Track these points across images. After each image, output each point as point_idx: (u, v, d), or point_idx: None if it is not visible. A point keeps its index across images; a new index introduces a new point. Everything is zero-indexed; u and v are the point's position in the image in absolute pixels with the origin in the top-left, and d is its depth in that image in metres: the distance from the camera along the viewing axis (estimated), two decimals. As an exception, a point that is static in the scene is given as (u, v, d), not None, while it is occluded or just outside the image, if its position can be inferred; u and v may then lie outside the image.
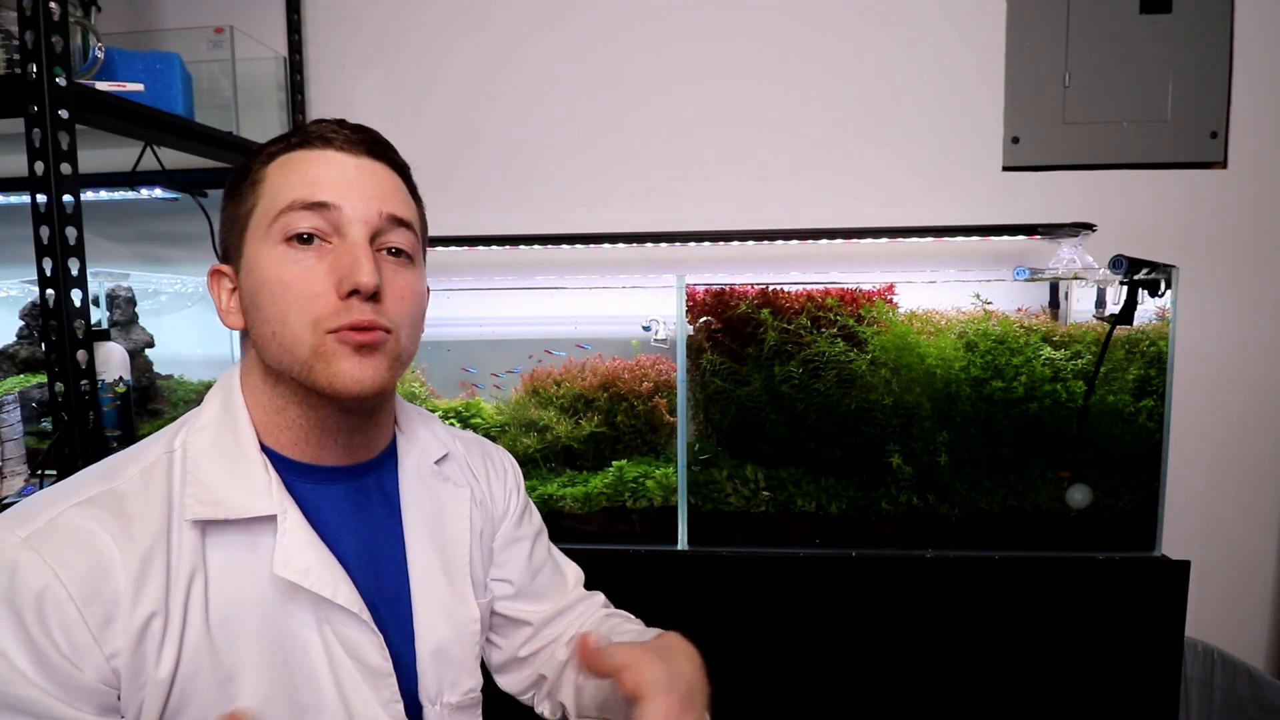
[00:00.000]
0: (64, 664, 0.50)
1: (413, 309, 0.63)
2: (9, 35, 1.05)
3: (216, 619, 0.56)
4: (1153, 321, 1.36)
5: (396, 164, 0.65)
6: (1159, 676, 1.27)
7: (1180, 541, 1.55)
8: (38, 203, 0.97)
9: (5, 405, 1.15)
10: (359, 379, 0.58)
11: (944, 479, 1.37)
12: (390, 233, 0.62)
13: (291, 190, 0.59)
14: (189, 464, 0.59)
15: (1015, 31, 1.56)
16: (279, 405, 0.62)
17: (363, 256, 0.58)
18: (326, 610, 0.60)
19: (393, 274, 0.61)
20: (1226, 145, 1.54)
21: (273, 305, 0.58)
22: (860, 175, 1.62)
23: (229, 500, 0.58)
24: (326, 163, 0.60)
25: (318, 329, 0.57)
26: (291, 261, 0.58)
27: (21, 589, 0.49)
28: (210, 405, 0.63)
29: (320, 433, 0.63)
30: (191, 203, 1.55)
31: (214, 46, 1.48)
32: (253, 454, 0.61)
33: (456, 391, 1.60)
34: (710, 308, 1.47)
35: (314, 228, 0.58)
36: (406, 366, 0.65)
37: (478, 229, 1.64)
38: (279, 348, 0.59)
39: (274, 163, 0.61)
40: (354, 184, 0.60)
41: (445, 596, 0.69)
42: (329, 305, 0.58)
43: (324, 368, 0.58)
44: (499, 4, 1.66)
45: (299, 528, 0.60)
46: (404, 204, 0.64)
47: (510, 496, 0.82)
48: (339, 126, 0.62)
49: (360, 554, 0.65)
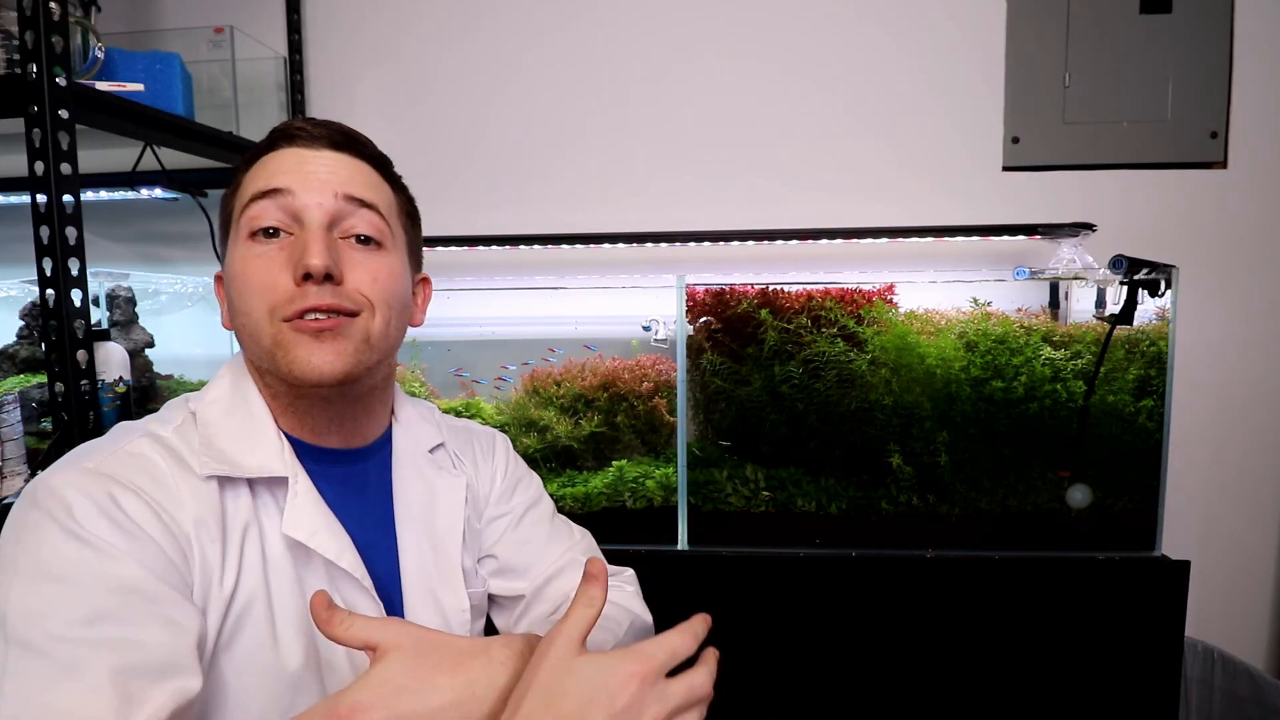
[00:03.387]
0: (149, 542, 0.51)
1: (386, 289, 0.62)
2: (9, 35, 1.05)
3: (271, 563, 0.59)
4: (1153, 321, 1.36)
5: (366, 155, 0.65)
6: (1159, 676, 1.27)
7: (1180, 541, 1.55)
8: (38, 203, 0.97)
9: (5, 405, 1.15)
10: (317, 365, 0.58)
11: (944, 479, 1.37)
12: (352, 217, 0.61)
13: (252, 186, 0.60)
14: (202, 429, 0.60)
15: (1015, 31, 1.56)
16: (275, 390, 0.64)
17: (313, 240, 0.58)
18: (335, 576, 0.61)
19: (361, 258, 0.61)
20: (1226, 145, 1.54)
21: (239, 298, 0.60)
22: (860, 175, 1.62)
23: (244, 462, 0.59)
24: (287, 156, 0.61)
25: (274, 317, 0.58)
26: (255, 255, 0.59)
27: (94, 493, 0.51)
28: (219, 384, 0.65)
29: (313, 418, 0.64)
30: (191, 203, 1.55)
31: (214, 46, 1.48)
32: (266, 421, 0.62)
33: (456, 391, 1.60)
34: (710, 308, 1.47)
35: (275, 220, 0.59)
36: (384, 355, 0.64)
37: (478, 229, 1.64)
38: (248, 339, 0.60)
39: (250, 167, 0.63)
40: (311, 171, 0.60)
41: (435, 585, 0.69)
42: (285, 293, 0.58)
43: (283, 355, 0.58)
44: (499, 4, 1.66)
45: (308, 491, 0.61)
46: (366, 187, 0.63)
47: (495, 471, 0.81)
48: (306, 123, 0.63)
49: (355, 536, 0.65)
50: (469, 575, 0.74)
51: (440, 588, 0.70)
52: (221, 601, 0.55)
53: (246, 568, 0.57)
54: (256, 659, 0.57)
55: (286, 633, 0.58)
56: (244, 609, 0.57)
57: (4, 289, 1.57)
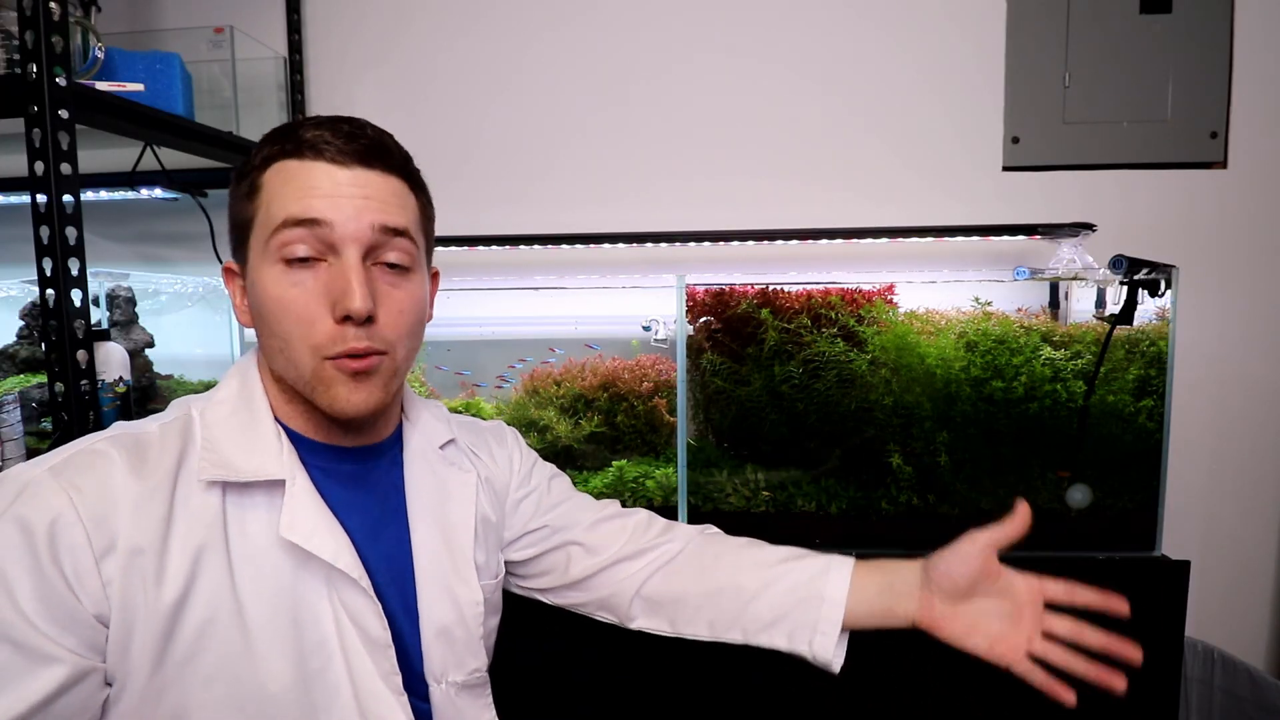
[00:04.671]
0: (65, 593, 0.52)
1: (410, 322, 0.64)
2: (9, 35, 1.05)
3: (240, 576, 0.59)
4: (1153, 321, 1.36)
5: (393, 164, 0.63)
6: (1159, 676, 1.27)
7: (1180, 541, 1.55)
8: (38, 203, 0.97)
9: (5, 405, 1.15)
10: (355, 403, 0.61)
11: (944, 479, 1.37)
12: (385, 246, 0.62)
13: (284, 207, 0.59)
14: (206, 430, 0.61)
15: (1015, 31, 1.56)
16: (290, 395, 0.65)
17: (354, 281, 0.59)
18: (335, 579, 0.62)
19: (389, 288, 0.62)
20: (1226, 145, 1.54)
21: (277, 324, 0.60)
22: (860, 175, 1.62)
23: (242, 464, 0.60)
24: (318, 175, 0.60)
25: (316, 355, 0.60)
26: (290, 284, 0.59)
27: (38, 514, 0.52)
28: (228, 384, 0.66)
29: (327, 421, 0.66)
30: (191, 203, 1.55)
31: (214, 46, 1.48)
32: (267, 424, 0.63)
33: (456, 391, 1.60)
34: (710, 308, 1.47)
35: (312, 250, 0.59)
36: (404, 376, 0.67)
37: (478, 229, 1.64)
38: (285, 362, 0.61)
39: (270, 169, 0.61)
40: (345, 198, 0.60)
41: (449, 578, 0.70)
42: (326, 332, 0.59)
43: (324, 391, 0.60)
44: (499, 4, 1.66)
45: (305, 493, 0.62)
46: (399, 211, 0.63)
47: (513, 456, 0.84)
48: (332, 133, 0.61)
49: (365, 534, 0.66)
50: (482, 569, 0.75)
51: (454, 581, 0.71)
52: (159, 614, 0.55)
53: (202, 579, 0.57)
54: (227, 670, 0.57)
55: (267, 644, 0.58)
56: (205, 621, 0.57)
57: (4, 289, 1.57)
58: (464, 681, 0.70)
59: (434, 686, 0.69)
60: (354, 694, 0.62)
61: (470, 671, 0.71)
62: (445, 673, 0.69)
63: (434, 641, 0.68)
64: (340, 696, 0.61)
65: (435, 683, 0.69)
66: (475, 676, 0.72)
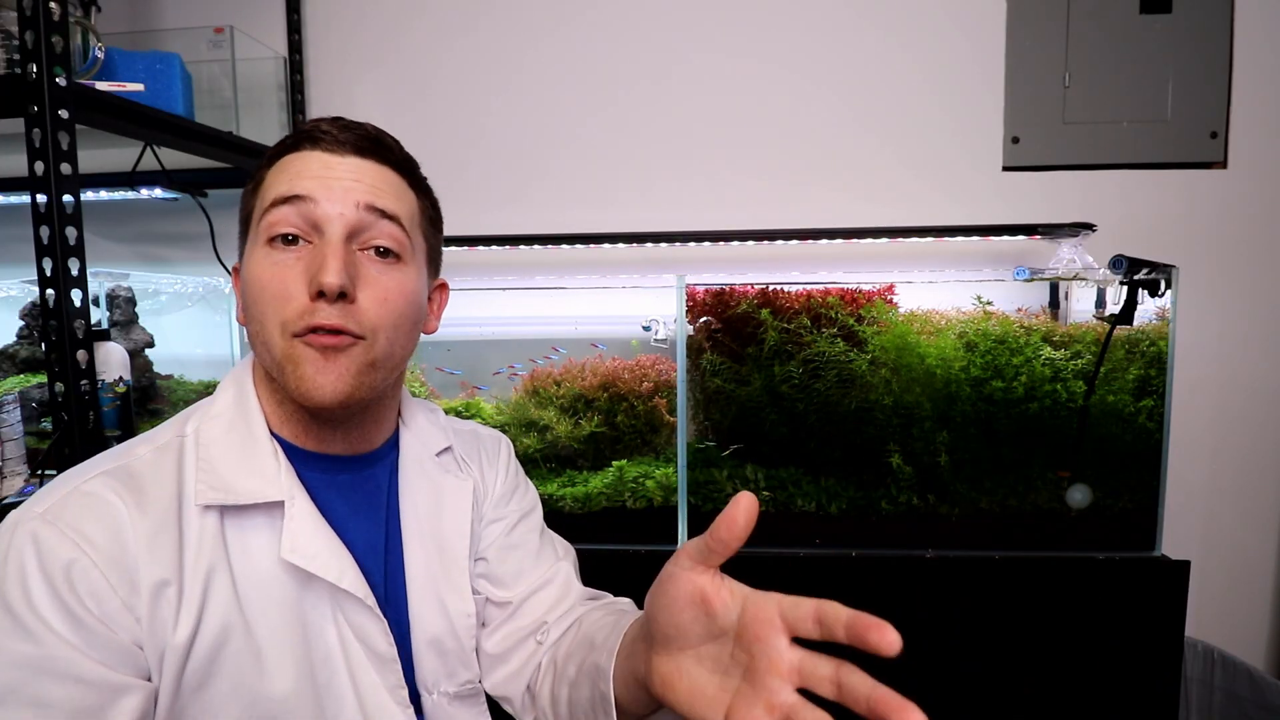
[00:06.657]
0: (100, 627, 0.51)
1: (396, 311, 0.61)
2: (9, 35, 1.06)
3: (245, 596, 0.57)
4: (1153, 321, 1.36)
5: (390, 159, 0.63)
6: (1159, 676, 1.27)
7: (1180, 541, 1.55)
8: (38, 203, 0.97)
9: (5, 405, 1.15)
10: (321, 385, 0.57)
11: (944, 479, 1.37)
12: (373, 229, 0.60)
13: (274, 189, 0.59)
14: (202, 450, 0.59)
15: (1015, 31, 1.56)
16: (280, 398, 0.63)
17: (331, 255, 0.57)
18: (339, 597, 0.61)
19: (376, 274, 0.60)
20: (1226, 145, 1.54)
21: (254, 304, 0.59)
22: (860, 175, 1.62)
23: (239, 486, 0.58)
24: (312, 161, 0.60)
25: (285, 332, 0.57)
26: (272, 262, 0.58)
27: (50, 561, 0.50)
28: (224, 395, 0.64)
29: (319, 425, 0.64)
30: (191, 203, 1.55)
31: (214, 46, 1.48)
32: (264, 441, 0.61)
33: (457, 390, 1.60)
34: (710, 308, 1.47)
35: (294, 227, 0.58)
36: (390, 373, 0.63)
37: (478, 229, 1.64)
38: (260, 347, 0.59)
39: (273, 166, 0.61)
40: (334, 178, 0.59)
41: (441, 588, 0.69)
42: (298, 307, 0.57)
43: (292, 371, 0.57)
44: (499, 4, 1.66)
45: (306, 514, 0.60)
46: (390, 197, 0.61)
47: (498, 475, 0.80)
48: (333, 125, 0.61)
49: (366, 543, 0.65)
50: (474, 579, 0.74)
51: (446, 592, 0.69)
52: (181, 640, 0.54)
53: (211, 602, 0.56)
54: (240, 691, 0.56)
55: (276, 660, 0.58)
56: (217, 643, 0.56)
57: (4, 289, 1.57)
58: (456, 692, 0.69)
59: (426, 696, 0.68)
60: (360, 707, 0.61)
61: (463, 683, 0.70)
62: (437, 683, 0.68)
63: (426, 652, 0.67)
64: (346, 709, 0.61)
65: (427, 693, 0.68)
66: (468, 688, 0.71)
